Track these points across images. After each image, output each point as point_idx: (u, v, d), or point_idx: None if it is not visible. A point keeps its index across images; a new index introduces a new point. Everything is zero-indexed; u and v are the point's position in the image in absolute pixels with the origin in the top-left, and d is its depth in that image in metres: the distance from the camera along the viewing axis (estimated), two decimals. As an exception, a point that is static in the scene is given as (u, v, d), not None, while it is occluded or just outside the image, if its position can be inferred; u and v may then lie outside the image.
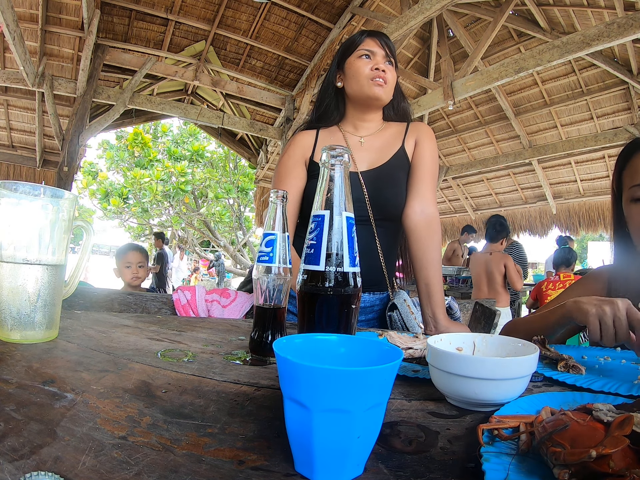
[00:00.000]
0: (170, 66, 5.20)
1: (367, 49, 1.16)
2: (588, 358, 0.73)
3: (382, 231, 1.18)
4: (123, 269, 2.45)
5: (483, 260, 3.63)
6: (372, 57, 1.16)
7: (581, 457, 0.29)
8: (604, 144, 5.16)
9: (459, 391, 0.49)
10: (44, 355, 0.59)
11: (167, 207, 11.41)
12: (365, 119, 1.23)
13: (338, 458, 0.33)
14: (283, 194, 0.67)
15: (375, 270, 1.19)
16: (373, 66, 1.14)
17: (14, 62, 4.05)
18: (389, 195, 1.16)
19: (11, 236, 0.64)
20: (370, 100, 1.17)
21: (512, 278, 3.51)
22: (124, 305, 1.24)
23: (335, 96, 1.25)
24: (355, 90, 1.17)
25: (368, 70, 1.14)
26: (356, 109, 1.23)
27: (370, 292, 1.21)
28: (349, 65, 1.18)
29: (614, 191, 0.98)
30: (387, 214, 1.18)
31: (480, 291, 3.59)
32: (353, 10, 4.84)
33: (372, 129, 1.24)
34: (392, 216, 1.19)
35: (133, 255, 2.46)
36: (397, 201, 1.17)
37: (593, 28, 3.10)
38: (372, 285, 1.21)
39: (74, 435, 0.36)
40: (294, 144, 1.23)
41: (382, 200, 1.16)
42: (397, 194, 1.17)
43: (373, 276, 1.20)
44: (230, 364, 0.63)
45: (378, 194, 1.15)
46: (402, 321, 1.12)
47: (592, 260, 12.31)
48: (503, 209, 7.29)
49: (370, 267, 1.18)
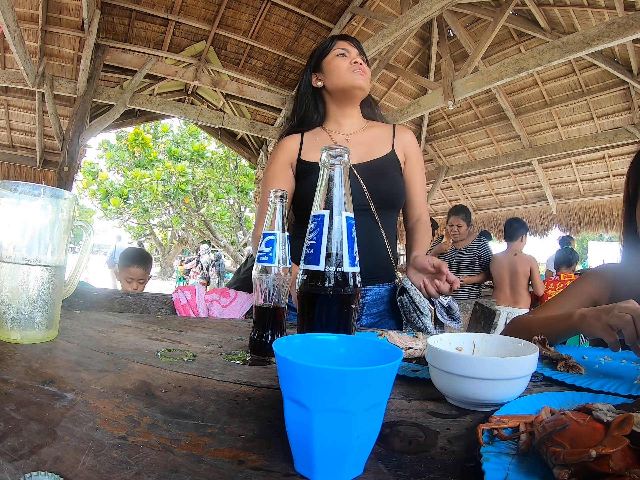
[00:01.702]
0: (171, 66, 5.20)
1: (342, 48, 1.24)
2: (588, 358, 0.73)
3: (385, 220, 1.22)
4: (123, 279, 2.43)
5: (507, 261, 3.51)
6: (348, 54, 1.23)
7: (581, 457, 0.29)
8: (604, 144, 5.15)
9: (458, 391, 0.49)
10: (43, 355, 0.59)
11: (168, 207, 11.42)
12: (347, 114, 1.28)
13: (338, 458, 0.33)
14: (282, 193, 0.67)
15: (383, 260, 1.22)
16: (351, 60, 1.21)
17: (14, 62, 4.05)
18: (385, 185, 1.21)
19: (11, 236, 0.64)
20: (353, 90, 1.22)
21: (537, 282, 3.46)
22: (124, 305, 1.24)
23: (313, 97, 1.29)
24: (337, 83, 1.22)
25: (347, 63, 1.21)
26: (337, 104, 1.27)
27: (380, 284, 1.22)
28: (327, 64, 1.24)
29: (627, 193, 0.98)
30: (386, 202, 1.22)
31: (502, 292, 3.49)
32: (353, 11, 4.83)
33: (355, 126, 1.28)
34: (391, 204, 1.24)
35: (135, 271, 2.41)
36: (394, 190, 1.23)
37: (593, 28, 3.10)
38: (381, 277, 1.22)
39: (74, 435, 0.36)
40: (280, 149, 1.27)
41: (380, 190, 1.20)
42: (392, 184, 1.23)
43: (381, 267, 1.22)
44: (230, 364, 0.63)
45: (374, 185, 1.19)
46: (412, 303, 1.13)
47: (593, 261, 12.30)
48: (503, 209, 7.29)
49: (378, 258, 1.21)
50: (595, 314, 0.69)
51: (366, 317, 1.21)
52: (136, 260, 2.45)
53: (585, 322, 0.71)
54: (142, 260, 2.49)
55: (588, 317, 0.70)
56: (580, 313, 0.73)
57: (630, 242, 0.98)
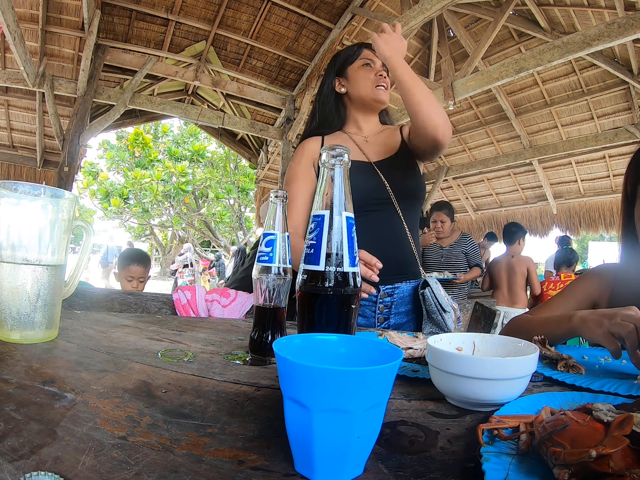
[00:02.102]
0: (171, 66, 5.20)
1: (367, 58, 1.27)
2: (588, 358, 0.73)
3: (407, 214, 1.22)
4: (124, 279, 2.45)
5: (505, 262, 3.65)
6: (373, 65, 1.27)
7: (581, 457, 0.29)
8: (604, 144, 5.15)
9: (458, 391, 0.49)
10: (44, 355, 0.59)
11: (168, 207, 11.43)
12: (368, 119, 1.33)
13: (338, 458, 0.33)
14: (282, 194, 0.67)
15: (408, 255, 1.21)
16: (376, 72, 1.25)
17: (15, 63, 4.05)
18: (407, 177, 1.23)
19: (11, 236, 0.64)
20: (375, 104, 1.28)
21: (534, 282, 3.56)
22: (124, 305, 1.24)
23: (335, 102, 1.32)
24: (361, 94, 1.27)
25: (373, 76, 1.25)
26: (359, 110, 1.32)
27: (407, 281, 1.20)
28: (352, 72, 1.28)
29: (626, 193, 0.97)
30: (408, 195, 1.22)
31: (501, 292, 3.60)
32: (353, 11, 4.83)
33: (373, 130, 1.33)
34: (413, 196, 1.25)
35: (136, 269, 2.44)
36: (415, 181, 1.24)
37: (593, 28, 3.10)
38: (408, 273, 1.21)
39: (74, 435, 0.36)
40: (302, 150, 1.29)
41: (402, 183, 1.21)
42: (413, 175, 1.24)
43: (407, 263, 1.21)
44: (230, 364, 0.63)
45: (396, 179, 1.21)
46: (434, 298, 1.12)
47: (593, 261, 12.30)
48: (504, 209, 7.29)
49: (404, 254, 1.20)
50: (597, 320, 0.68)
51: (394, 316, 1.19)
52: (136, 259, 2.48)
53: (586, 327, 0.70)
54: (142, 258, 2.52)
55: (589, 322, 0.69)
56: (581, 317, 0.72)
57: (629, 242, 0.98)
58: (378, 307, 1.18)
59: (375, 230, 1.17)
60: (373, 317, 1.18)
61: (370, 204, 1.17)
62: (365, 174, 1.19)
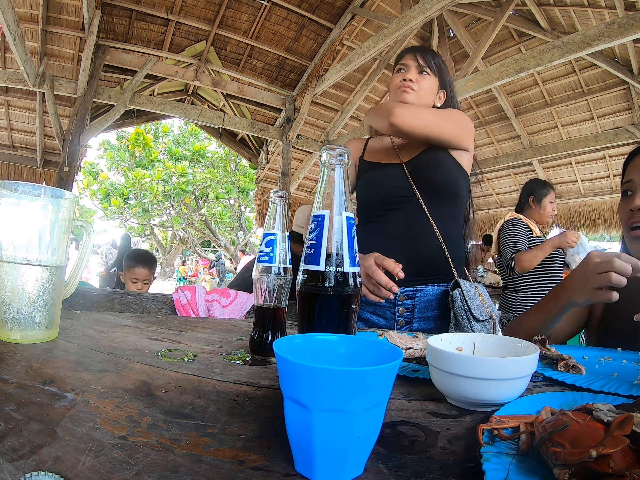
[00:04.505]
0: (171, 66, 5.20)
1: (403, 63, 1.30)
2: (588, 358, 0.73)
3: (435, 209, 1.16)
4: (129, 280, 2.45)
5: None
6: (406, 70, 1.28)
7: (581, 457, 0.29)
8: (604, 144, 5.15)
9: (459, 391, 0.48)
10: (44, 355, 0.59)
11: (168, 207, 11.43)
12: None
13: (338, 458, 0.33)
14: (282, 193, 0.67)
15: (434, 253, 1.12)
16: (402, 77, 1.27)
17: (15, 63, 4.05)
18: (434, 172, 1.20)
19: (11, 236, 0.64)
20: None
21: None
22: (124, 305, 1.24)
23: None
24: (391, 97, 1.32)
25: (398, 81, 1.28)
26: None
27: (434, 284, 1.12)
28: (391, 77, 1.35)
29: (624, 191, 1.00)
30: (436, 190, 1.18)
31: None
32: (353, 11, 4.83)
33: None
34: (443, 191, 1.19)
35: (141, 272, 2.43)
36: (445, 175, 1.19)
37: (594, 28, 3.09)
38: (435, 275, 1.12)
39: (74, 435, 0.36)
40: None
41: (427, 178, 1.19)
42: (443, 169, 1.20)
43: (433, 264, 1.12)
44: (230, 364, 0.63)
45: (421, 174, 1.20)
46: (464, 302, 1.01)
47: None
48: (504, 209, 7.28)
49: (428, 254, 1.12)
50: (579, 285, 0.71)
51: (418, 320, 1.13)
52: (141, 261, 2.47)
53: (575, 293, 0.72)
54: (147, 260, 2.51)
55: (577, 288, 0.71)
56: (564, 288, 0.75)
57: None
58: (398, 310, 1.13)
59: (391, 229, 1.14)
60: (393, 319, 1.14)
61: (389, 202, 1.17)
62: (391, 174, 1.22)
